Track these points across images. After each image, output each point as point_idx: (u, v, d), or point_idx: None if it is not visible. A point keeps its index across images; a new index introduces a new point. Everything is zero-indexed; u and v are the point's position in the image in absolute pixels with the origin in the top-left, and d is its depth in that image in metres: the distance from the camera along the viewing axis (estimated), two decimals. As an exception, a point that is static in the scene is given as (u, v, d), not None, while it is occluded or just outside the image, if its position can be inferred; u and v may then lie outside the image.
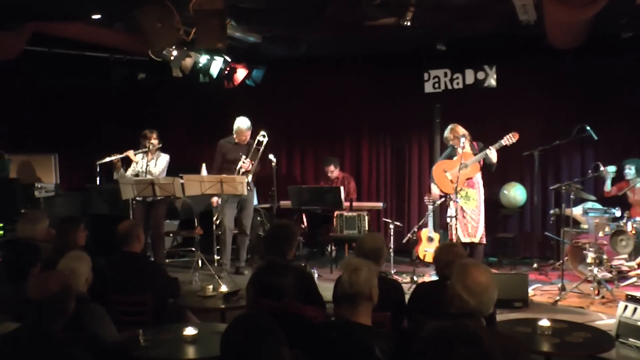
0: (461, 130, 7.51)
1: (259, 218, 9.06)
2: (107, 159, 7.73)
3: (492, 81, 8.85)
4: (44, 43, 8.40)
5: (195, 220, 8.56)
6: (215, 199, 8.08)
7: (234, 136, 8.06)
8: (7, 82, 9.22)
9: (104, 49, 8.97)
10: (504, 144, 7.36)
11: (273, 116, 9.92)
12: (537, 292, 6.91)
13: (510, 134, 7.35)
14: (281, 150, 10.15)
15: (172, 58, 7.90)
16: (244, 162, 7.79)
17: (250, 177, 7.79)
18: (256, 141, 7.91)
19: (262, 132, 7.93)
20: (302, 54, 9.28)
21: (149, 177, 7.61)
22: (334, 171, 9.14)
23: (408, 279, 7.38)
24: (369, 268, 3.19)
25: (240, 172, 7.75)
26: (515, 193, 8.74)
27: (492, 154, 7.33)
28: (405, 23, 6.93)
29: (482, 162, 7.49)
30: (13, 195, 8.36)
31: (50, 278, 3.15)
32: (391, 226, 7.79)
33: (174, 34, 6.62)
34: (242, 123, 8.01)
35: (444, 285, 3.13)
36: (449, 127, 7.62)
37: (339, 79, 9.80)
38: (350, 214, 8.31)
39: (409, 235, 7.89)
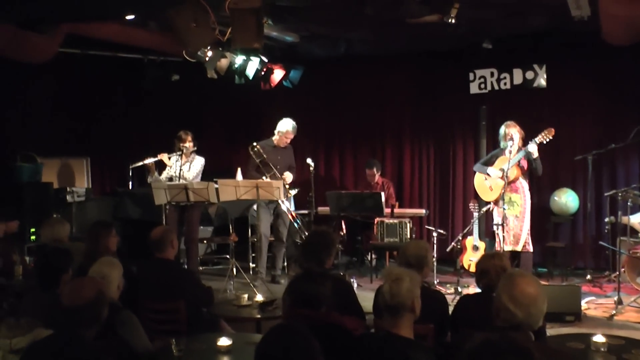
0: (515, 130, 7.37)
1: (296, 225, 9.08)
2: (141, 163, 7.84)
3: (542, 81, 8.73)
4: (77, 45, 8.58)
5: (230, 227, 8.62)
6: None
7: (275, 138, 8.10)
8: (39, 84, 9.45)
9: (138, 50, 9.12)
10: (538, 142, 7.21)
11: (311, 118, 9.95)
12: (591, 305, 6.78)
13: (546, 131, 7.20)
14: (319, 154, 10.18)
15: (207, 59, 7.99)
16: (285, 178, 7.87)
17: (293, 191, 7.95)
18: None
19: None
20: (341, 54, 9.30)
21: (182, 181, 7.69)
22: (375, 175, 9.12)
23: (452, 290, 7.31)
24: (412, 278, 3.18)
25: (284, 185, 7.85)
26: (567, 200, 8.59)
27: (532, 147, 7.18)
28: (449, 20, 6.88)
29: (526, 166, 7.36)
30: (45, 200, 8.56)
31: (83, 285, 3.20)
32: (434, 234, 7.74)
33: (209, 33, 6.69)
34: (287, 125, 8.09)
35: (490, 297, 3.09)
36: (506, 123, 7.51)
37: (379, 79, 9.78)
38: (391, 221, 8.28)
39: (453, 243, 7.81)
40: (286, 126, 8.09)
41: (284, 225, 8.16)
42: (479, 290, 4.27)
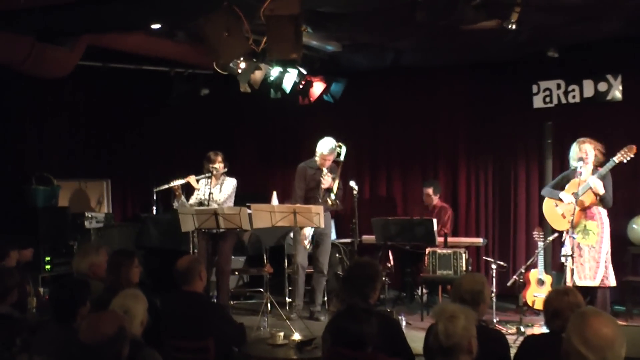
0: (590, 147, 7.27)
1: (337, 255, 9.06)
2: (166, 186, 7.92)
3: (617, 93, 8.60)
4: (98, 57, 8.75)
5: (265, 257, 8.62)
6: (306, 240, 8.10)
7: (317, 159, 8.12)
8: (57, 100, 9.66)
9: (164, 63, 9.26)
10: (617, 162, 7.08)
11: (355, 137, 9.95)
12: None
13: (626, 148, 7.06)
14: (364, 176, 10.17)
15: (239, 71, 8.07)
16: (323, 177, 7.85)
17: (333, 195, 7.84)
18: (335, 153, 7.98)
19: (338, 143, 7.97)
20: (388, 65, 9.31)
21: (213, 205, 7.74)
22: (432, 197, 9.07)
23: (514, 330, 7.20)
24: (468, 316, 3.14)
25: (322, 192, 7.82)
26: (648, 228, 8.41)
27: (594, 182, 7.06)
28: (510, 26, 6.84)
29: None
30: (62, 226, 8.70)
31: (103, 320, 3.23)
32: (493, 266, 7.65)
33: (243, 43, 6.75)
34: (324, 147, 8.00)
35: (558, 339, 3.03)
36: (578, 140, 7.40)
37: (431, 93, 9.76)
38: (444, 251, 8.20)
39: (514, 277, 7.71)
40: (321, 148, 8.02)
41: (325, 255, 8.15)
42: (545, 330, 4.19)
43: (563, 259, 7.27)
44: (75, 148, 10.04)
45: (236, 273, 9.10)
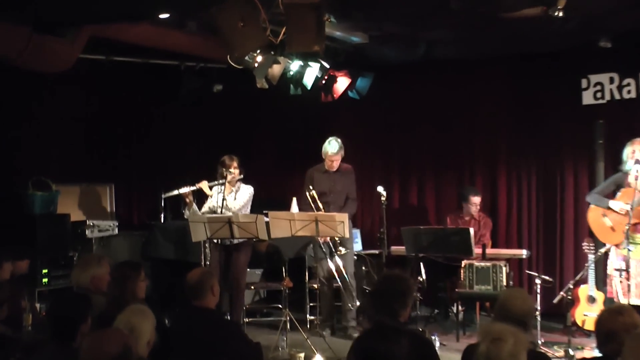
0: None
1: (364, 268, 9.05)
2: (176, 192, 7.94)
3: (679, 88, 8.55)
4: (101, 50, 8.81)
5: (284, 270, 8.63)
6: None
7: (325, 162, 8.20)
8: (55, 97, 9.70)
9: (173, 56, 9.30)
10: None
11: (383, 137, 9.93)
12: None
13: None
14: (393, 181, 10.14)
15: (256, 65, 8.07)
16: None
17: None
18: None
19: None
20: (420, 57, 9.28)
21: (226, 212, 7.75)
22: (478, 205, 9.05)
23: (561, 353, 7.18)
24: (518, 339, 3.09)
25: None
26: None
27: None
28: (556, 13, 6.80)
29: None
30: (61, 235, 8.74)
31: (106, 339, 3.24)
32: (538, 281, 7.59)
33: (259, 35, 6.77)
34: (328, 147, 8.19)
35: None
36: (632, 140, 7.33)
37: (467, 89, 9.72)
38: (483, 264, 8.15)
39: (562, 293, 7.66)
40: (325, 148, 8.19)
41: (348, 267, 8.14)
42: (598, 354, 4.13)
43: (613, 274, 7.21)
44: (76, 149, 10.10)
45: (252, 287, 9.11)
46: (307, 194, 7.99)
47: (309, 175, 8.38)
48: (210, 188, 8.05)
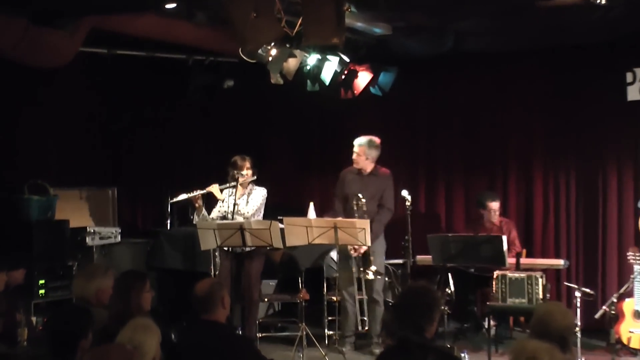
0: None
1: (387, 279, 9.04)
2: (185, 196, 7.96)
3: None
4: (103, 43, 8.86)
5: (300, 281, 8.64)
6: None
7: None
8: (54, 94, 9.73)
9: (181, 49, 9.34)
10: None
11: (407, 137, 9.92)
12: None
13: None
14: (419, 184, 10.12)
15: (270, 59, 8.10)
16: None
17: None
18: None
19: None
20: (448, 50, 9.27)
21: (238, 218, 7.77)
22: (497, 212, 9.00)
23: (604, 372, 7.14)
24: (553, 358, 3.08)
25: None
26: None
27: None
28: (598, 1, 6.77)
29: None
30: (60, 243, 8.76)
31: (109, 355, 3.25)
32: (578, 294, 7.55)
33: (274, 26, 6.78)
34: (356, 143, 8.18)
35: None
36: None
37: (500, 84, 9.70)
38: (517, 274, 8.10)
39: (604, 308, 7.61)
40: (354, 143, 8.19)
41: (380, 290, 8.14)
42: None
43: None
44: (76, 151, 10.13)
45: (265, 300, 9.11)
46: (354, 202, 7.92)
47: (341, 177, 8.37)
48: (221, 192, 8.06)
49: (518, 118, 9.73)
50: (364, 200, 7.87)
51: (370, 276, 7.86)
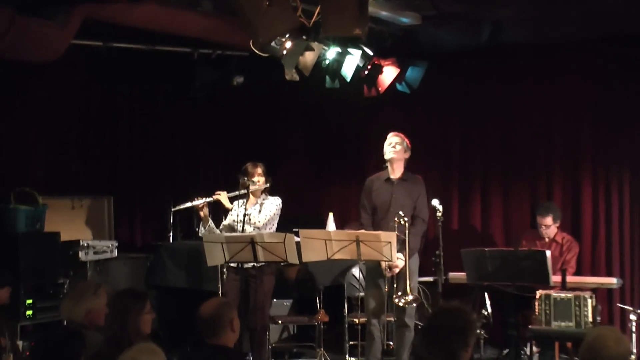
0: None
1: (415, 299, 9.03)
2: (189, 204, 7.95)
3: None
4: (97, 35, 8.89)
5: (318, 301, 8.64)
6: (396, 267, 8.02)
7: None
8: (43, 91, 9.77)
9: (185, 42, 9.35)
10: None
11: (438, 139, 9.92)
12: None
13: None
14: (451, 192, 10.12)
15: (284, 52, 8.11)
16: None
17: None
18: None
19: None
20: (484, 42, 9.26)
21: (248, 230, 7.77)
22: (553, 227, 8.96)
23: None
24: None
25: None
26: None
27: None
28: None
29: None
30: (49, 258, 8.79)
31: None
32: (633, 317, 7.54)
33: (289, 16, 6.80)
34: (390, 135, 8.10)
35: None
36: None
37: (543, 80, 9.69)
38: (563, 295, 8.08)
39: (663, 333, 7.60)
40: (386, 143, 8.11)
41: (412, 317, 8.10)
42: None
43: None
44: (68, 155, 10.17)
45: (279, 322, 9.12)
46: (396, 219, 7.77)
47: (367, 186, 8.17)
48: (231, 200, 8.05)
49: (563, 118, 9.71)
50: (406, 218, 7.71)
51: (401, 303, 7.73)
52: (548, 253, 7.93)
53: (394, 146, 8.00)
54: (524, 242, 9.13)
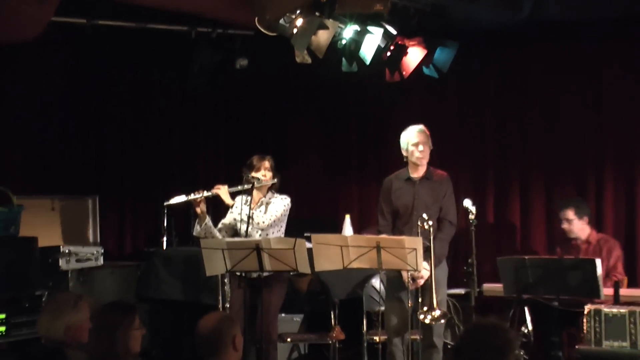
0: None
1: (445, 314, 9.02)
2: (183, 198, 7.87)
3: None
4: (82, 11, 8.88)
5: (332, 315, 8.64)
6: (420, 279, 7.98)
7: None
8: (20, 75, 9.77)
9: (181, 19, 9.36)
10: None
11: (471, 130, 9.91)
12: None
13: None
14: (486, 192, 10.11)
15: (295, 32, 8.10)
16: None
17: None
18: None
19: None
20: (524, 20, 9.22)
21: (253, 235, 7.75)
22: (577, 223, 8.89)
23: None
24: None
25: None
26: None
27: None
28: None
29: None
30: (25, 267, 8.79)
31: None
32: (694, 335, 7.50)
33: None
34: (406, 133, 7.97)
35: None
36: None
37: (591, 62, 9.65)
38: (615, 310, 8.06)
39: None
40: (406, 137, 7.97)
41: (440, 333, 8.09)
42: None
43: None
44: (47, 149, 10.18)
45: (288, 340, 9.11)
46: (419, 224, 7.70)
47: (385, 186, 8.13)
48: (232, 196, 8.00)
49: (615, 106, 9.66)
50: (430, 222, 7.63)
51: (427, 320, 7.67)
52: (598, 262, 7.89)
53: (422, 150, 7.89)
54: (559, 252, 9.09)
